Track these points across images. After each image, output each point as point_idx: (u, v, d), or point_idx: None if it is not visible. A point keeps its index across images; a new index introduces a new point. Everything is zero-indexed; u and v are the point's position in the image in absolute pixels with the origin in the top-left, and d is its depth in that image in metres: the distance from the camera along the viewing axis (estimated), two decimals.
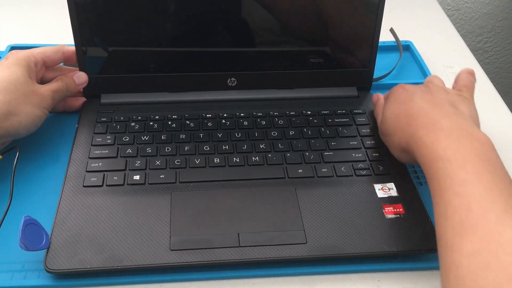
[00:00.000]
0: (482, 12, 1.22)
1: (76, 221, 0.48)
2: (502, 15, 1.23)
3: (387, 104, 0.55)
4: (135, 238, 0.47)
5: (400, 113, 0.51)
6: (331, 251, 0.46)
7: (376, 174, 0.54)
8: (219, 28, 0.61)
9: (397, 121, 0.51)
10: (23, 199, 0.52)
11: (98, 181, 0.52)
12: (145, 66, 0.62)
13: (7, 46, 0.73)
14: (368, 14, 0.61)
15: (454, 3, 1.19)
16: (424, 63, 0.74)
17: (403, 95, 0.53)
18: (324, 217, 0.49)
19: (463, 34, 1.24)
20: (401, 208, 0.51)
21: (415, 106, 0.50)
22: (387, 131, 0.53)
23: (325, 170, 0.54)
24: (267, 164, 0.55)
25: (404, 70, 0.75)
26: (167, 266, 0.45)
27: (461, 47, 0.82)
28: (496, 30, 1.26)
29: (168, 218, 0.48)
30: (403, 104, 0.52)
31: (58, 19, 0.81)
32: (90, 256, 0.45)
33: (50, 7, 0.85)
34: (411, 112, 0.50)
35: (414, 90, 0.53)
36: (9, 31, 0.80)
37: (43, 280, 0.45)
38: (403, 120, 0.50)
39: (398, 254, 0.47)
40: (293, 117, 0.61)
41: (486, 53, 1.32)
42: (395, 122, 0.52)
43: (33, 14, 0.84)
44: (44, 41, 0.74)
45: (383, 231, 0.48)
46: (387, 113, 0.54)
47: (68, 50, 0.59)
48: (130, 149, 0.56)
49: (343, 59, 0.64)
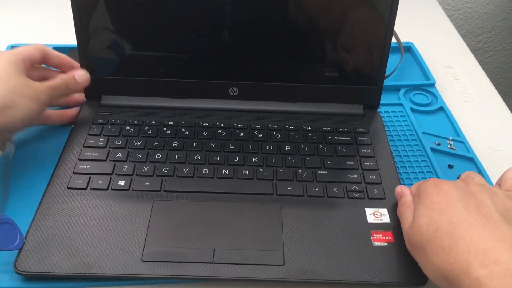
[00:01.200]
0: (482, 12, 1.21)
1: (54, 223, 0.47)
2: (502, 15, 1.21)
3: (420, 209, 0.44)
4: (109, 245, 0.46)
5: (440, 226, 0.41)
6: (308, 276, 0.44)
7: (369, 198, 0.52)
8: (224, 35, 0.60)
9: (437, 236, 0.41)
10: (10, 198, 0.52)
11: (83, 184, 0.51)
12: (147, 69, 0.61)
13: (7, 46, 0.73)
14: (379, 31, 0.59)
15: (454, 3, 1.18)
16: (425, 64, 0.73)
17: (440, 199, 0.43)
18: (307, 238, 0.47)
19: (463, 34, 1.23)
20: (391, 236, 0.48)
21: (459, 219, 0.41)
22: (419, 244, 0.42)
23: (316, 190, 0.52)
24: (256, 179, 0.53)
25: (405, 71, 0.73)
26: (135, 277, 0.44)
27: (461, 47, 0.81)
28: (496, 30, 1.25)
29: (145, 228, 0.47)
30: (443, 213, 0.42)
31: (58, 19, 0.81)
32: (61, 260, 0.44)
33: (50, 7, 0.85)
34: (455, 227, 0.40)
35: (453, 193, 0.43)
36: (9, 31, 0.80)
37: (14, 282, 0.44)
38: (445, 238, 0.40)
39: (381, 286, 0.44)
40: (292, 132, 0.59)
41: (486, 53, 1.30)
42: (433, 236, 0.41)
43: (33, 14, 0.84)
44: (44, 41, 0.74)
45: (367, 259, 0.46)
46: (421, 221, 0.43)
47: (48, 51, 0.58)
48: (120, 153, 0.55)
49: (351, 75, 0.62)
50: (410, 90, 0.69)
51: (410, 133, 0.62)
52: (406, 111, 0.66)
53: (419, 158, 0.59)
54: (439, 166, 0.57)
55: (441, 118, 0.66)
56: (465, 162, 0.59)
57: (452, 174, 0.57)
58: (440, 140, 0.61)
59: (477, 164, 0.58)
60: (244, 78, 0.61)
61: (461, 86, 0.72)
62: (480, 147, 0.61)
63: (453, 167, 0.58)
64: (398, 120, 0.65)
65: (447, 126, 0.64)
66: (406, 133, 0.63)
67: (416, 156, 0.59)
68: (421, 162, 0.58)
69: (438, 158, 0.59)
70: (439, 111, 0.67)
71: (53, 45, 0.73)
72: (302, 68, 0.62)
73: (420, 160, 0.59)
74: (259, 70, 0.61)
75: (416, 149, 0.60)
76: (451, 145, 0.60)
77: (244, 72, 0.61)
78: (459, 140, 0.61)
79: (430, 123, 0.64)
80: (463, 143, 0.61)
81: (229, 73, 0.61)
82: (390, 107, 0.67)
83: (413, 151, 0.60)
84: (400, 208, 0.48)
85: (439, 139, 0.62)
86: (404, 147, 0.61)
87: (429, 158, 0.59)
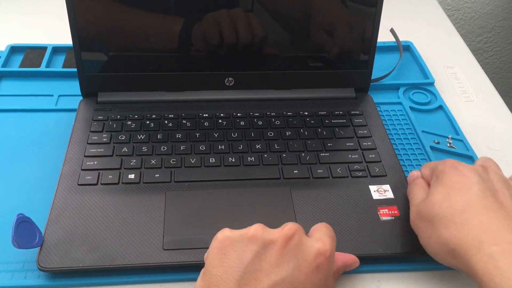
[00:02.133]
0: (482, 12, 1.22)
1: (70, 219, 0.48)
2: (502, 15, 1.23)
3: (437, 186, 0.45)
4: (128, 237, 0.46)
5: (454, 204, 0.42)
6: None
7: (372, 176, 0.54)
8: (217, 27, 0.61)
9: (449, 212, 0.42)
10: (18, 197, 0.52)
11: (93, 180, 0.52)
12: (143, 65, 0.62)
13: (7, 46, 0.73)
14: (367, 15, 0.61)
15: (454, 3, 1.19)
16: (424, 63, 0.74)
17: (459, 180, 0.44)
18: (318, 218, 0.49)
19: (463, 34, 1.24)
20: (396, 210, 0.51)
21: (476, 200, 0.42)
22: (429, 216, 0.43)
23: (320, 171, 0.54)
24: (262, 165, 0.55)
25: (404, 70, 0.74)
26: (159, 265, 0.45)
27: (461, 47, 0.82)
28: (496, 30, 1.26)
29: (162, 218, 0.48)
30: (460, 192, 0.43)
31: (58, 19, 0.81)
32: (83, 255, 0.45)
33: (50, 7, 0.85)
34: (470, 206, 0.41)
35: (471, 175, 0.44)
36: (9, 31, 0.79)
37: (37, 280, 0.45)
38: (458, 214, 0.41)
39: (393, 257, 0.47)
40: (290, 118, 0.61)
41: (486, 53, 1.31)
42: (445, 211, 0.42)
43: (33, 14, 0.84)
44: (44, 41, 0.75)
45: (377, 233, 0.48)
46: (436, 196, 0.44)
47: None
48: (125, 148, 0.56)
49: (342, 60, 0.64)
50: (409, 89, 0.70)
51: (409, 132, 0.63)
52: (405, 110, 0.66)
53: (418, 156, 0.59)
54: None
55: (441, 116, 0.66)
56: (465, 160, 0.59)
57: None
58: (439, 139, 0.62)
59: None
60: (239, 68, 0.63)
61: (461, 86, 0.72)
62: (480, 147, 0.62)
63: None
64: (398, 119, 0.65)
65: (446, 125, 0.65)
66: (405, 132, 0.63)
67: (416, 154, 0.60)
68: (421, 160, 0.59)
69: (437, 156, 0.59)
70: (438, 109, 0.67)
71: (53, 45, 0.73)
72: (295, 55, 0.63)
73: (419, 158, 0.59)
74: (253, 59, 0.63)
75: (415, 147, 0.61)
76: (450, 143, 0.61)
77: (239, 62, 0.62)
78: (458, 139, 0.62)
79: (430, 122, 0.65)
80: (462, 141, 0.62)
81: (224, 64, 0.62)
82: (389, 106, 0.67)
83: (413, 149, 0.60)
84: (413, 187, 0.49)
85: (438, 137, 0.62)
86: (404, 145, 0.61)
87: (429, 156, 0.59)
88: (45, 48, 0.73)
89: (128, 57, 0.62)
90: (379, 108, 0.66)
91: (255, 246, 0.38)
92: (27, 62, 0.70)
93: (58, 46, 0.73)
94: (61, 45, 0.73)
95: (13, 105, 0.64)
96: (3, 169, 0.55)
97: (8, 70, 0.69)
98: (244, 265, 0.37)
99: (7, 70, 0.69)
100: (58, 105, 0.65)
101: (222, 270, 0.37)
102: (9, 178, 0.54)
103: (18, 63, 0.71)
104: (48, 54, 0.71)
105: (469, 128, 0.64)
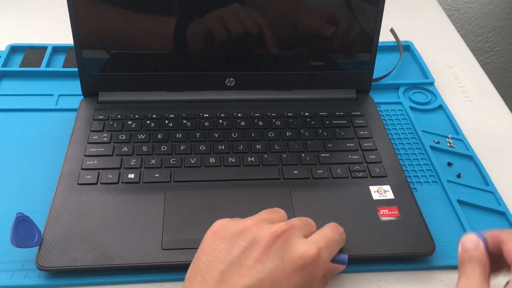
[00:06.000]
0: (482, 12, 1.22)
1: (69, 219, 0.48)
2: (502, 15, 1.23)
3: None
4: (128, 236, 0.46)
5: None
6: None
7: (372, 176, 0.54)
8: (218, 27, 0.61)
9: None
10: (18, 196, 0.52)
11: (93, 179, 0.52)
12: (144, 64, 0.62)
13: (7, 45, 0.73)
14: (368, 16, 0.61)
15: (454, 3, 1.19)
16: (424, 63, 0.74)
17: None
18: (319, 218, 0.49)
19: (463, 34, 1.24)
20: (396, 211, 0.50)
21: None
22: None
23: (320, 172, 0.54)
24: (262, 165, 0.55)
25: (404, 70, 0.74)
26: (158, 265, 0.45)
27: (461, 47, 0.82)
28: (496, 30, 1.26)
29: (161, 217, 0.48)
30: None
31: (58, 19, 0.81)
32: (82, 254, 0.45)
33: (50, 7, 0.85)
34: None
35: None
36: (9, 31, 0.79)
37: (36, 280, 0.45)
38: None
39: (393, 257, 0.47)
40: (291, 118, 0.61)
41: (486, 53, 1.31)
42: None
43: (33, 14, 0.84)
44: (44, 41, 0.75)
45: (377, 234, 0.48)
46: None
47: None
48: (126, 147, 0.56)
49: (342, 61, 0.64)
50: (409, 89, 0.70)
51: (409, 131, 0.63)
52: (405, 109, 0.66)
53: (418, 156, 0.59)
54: (439, 163, 0.58)
55: (440, 116, 0.66)
56: (465, 160, 0.59)
57: (452, 171, 0.58)
58: (439, 138, 0.62)
59: (477, 162, 0.59)
60: (240, 68, 0.63)
61: (461, 86, 0.73)
62: (480, 147, 0.62)
63: (453, 165, 0.59)
64: (398, 119, 0.65)
65: (446, 125, 0.65)
66: (405, 131, 0.63)
67: (416, 154, 0.60)
68: (421, 160, 0.59)
69: (437, 156, 0.59)
70: (438, 109, 0.67)
71: (53, 44, 0.73)
72: (296, 56, 0.63)
73: (419, 158, 0.59)
74: (254, 60, 0.63)
75: (415, 147, 0.61)
76: (450, 143, 0.61)
77: (240, 62, 0.62)
78: (458, 138, 0.62)
79: (429, 122, 0.65)
80: (462, 141, 0.62)
81: (225, 64, 0.62)
82: (389, 106, 0.67)
83: (413, 149, 0.61)
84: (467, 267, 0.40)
85: (438, 137, 0.62)
86: (404, 145, 0.61)
87: (429, 155, 0.59)
88: (45, 48, 0.73)
89: (129, 57, 0.62)
90: (379, 108, 0.65)
91: (244, 242, 0.39)
92: (27, 62, 0.70)
93: (58, 45, 0.73)
94: (61, 45, 0.73)
95: (13, 105, 0.64)
96: (3, 168, 0.55)
97: (8, 70, 0.69)
98: (230, 259, 0.38)
99: (7, 70, 0.69)
100: (58, 104, 0.65)
101: (210, 259, 0.38)
102: (9, 177, 0.54)
103: (18, 63, 0.71)
104: (48, 54, 0.71)
105: (469, 128, 0.64)
